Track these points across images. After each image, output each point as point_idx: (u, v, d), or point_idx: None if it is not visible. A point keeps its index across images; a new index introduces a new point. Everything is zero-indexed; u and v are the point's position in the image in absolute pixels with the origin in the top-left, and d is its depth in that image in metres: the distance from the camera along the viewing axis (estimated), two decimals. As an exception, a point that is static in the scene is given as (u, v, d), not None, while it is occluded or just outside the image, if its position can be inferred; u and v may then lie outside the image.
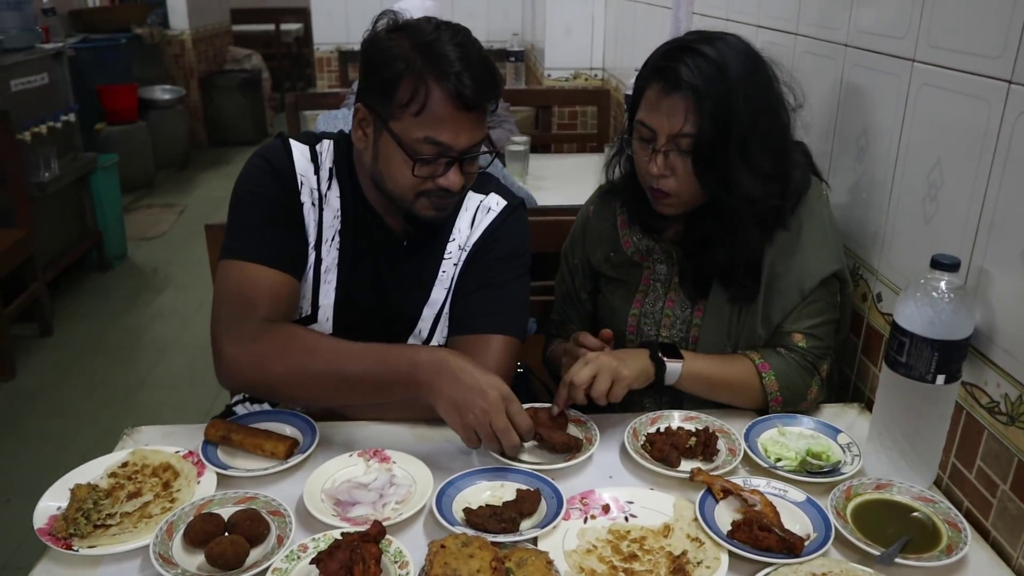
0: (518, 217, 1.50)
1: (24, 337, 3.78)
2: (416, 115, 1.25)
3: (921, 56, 1.32)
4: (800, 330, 1.40)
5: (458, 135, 1.26)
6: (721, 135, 1.30)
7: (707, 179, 1.33)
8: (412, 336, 1.46)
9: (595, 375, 1.28)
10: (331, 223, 1.42)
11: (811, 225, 1.41)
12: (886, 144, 1.43)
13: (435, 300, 1.46)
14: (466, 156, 1.30)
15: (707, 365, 1.38)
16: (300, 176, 1.40)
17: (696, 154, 1.32)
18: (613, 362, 1.29)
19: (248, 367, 1.28)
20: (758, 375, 1.37)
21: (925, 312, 1.12)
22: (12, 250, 3.47)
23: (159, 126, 6.28)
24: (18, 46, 3.92)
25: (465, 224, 1.47)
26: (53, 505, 1.14)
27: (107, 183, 4.58)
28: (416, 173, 1.28)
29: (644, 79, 1.38)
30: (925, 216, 1.32)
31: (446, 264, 1.46)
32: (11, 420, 3.18)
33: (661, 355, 1.35)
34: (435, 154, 1.27)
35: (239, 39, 8.41)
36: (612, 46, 4.19)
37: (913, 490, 1.17)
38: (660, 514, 1.16)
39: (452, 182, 1.29)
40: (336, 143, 1.45)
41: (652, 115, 1.35)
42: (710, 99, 1.29)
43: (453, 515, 1.13)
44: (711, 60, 1.30)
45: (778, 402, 1.38)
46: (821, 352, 1.41)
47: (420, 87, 1.24)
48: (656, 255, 1.51)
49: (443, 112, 1.24)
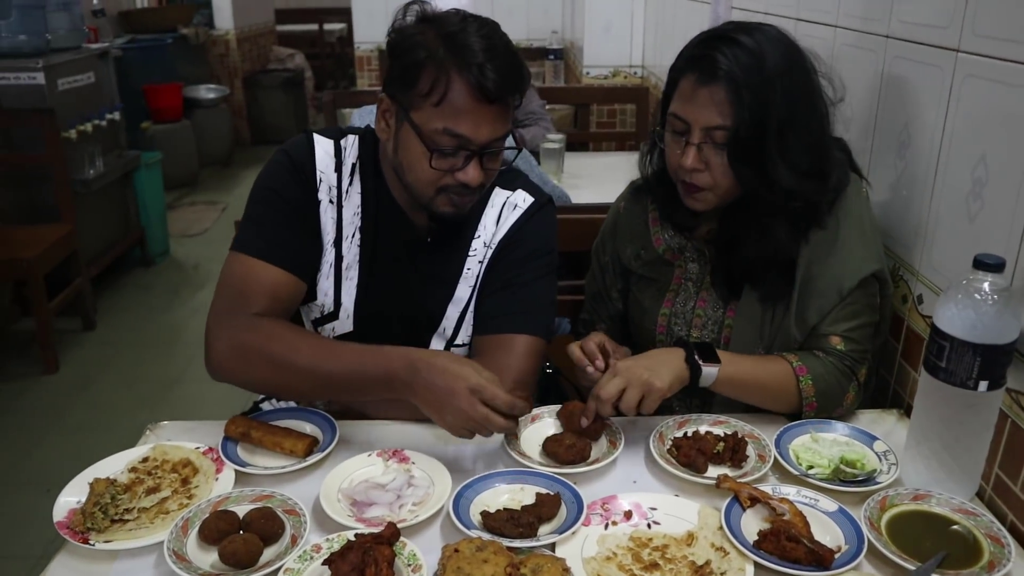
0: (545, 214, 1.47)
1: (68, 331, 3.86)
2: (436, 105, 1.23)
3: (966, 46, 1.26)
4: (838, 332, 1.34)
5: (478, 128, 1.24)
6: (758, 128, 1.26)
7: (743, 173, 1.29)
8: (436, 335, 1.44)
9: (624, 388, 1.23)
10: (351, 220, 1.40)
11: (849, 223, 1.36)
12: (928, 139, 1.37)
13: (459, 298, 1.44)
14: (486, 151, 1.27)
15: (744, 367, 1.32)
16: (320, 173, 1.39)
17: (732, 147, 1.28)
18: (644, 374, 1.23)
19: (231, 359, 1.28)
20: (795, 378, 1.32)
21: (967, 315, 1.06)
22: (57, 245, 3.54)
23: (203, 125, 6.37)
24: (66, 46, 3.99)
25: (491, 220, 1.44)
26: (73, 499, 1.14)
27: (150, 180, 4.64)
28: (433, 165, 1.26)
29: (678, 70, 1.34)
30: (969, 214, 1.26)
31: (471, 261, 1.43)
32: (54, 412, 3.24)
33: (698, 358, 1.29)
34: (454, 147, 1.25)
35: (283, 39, 8.51)
36: (651, 43, 4.14)
37: (953, 502, 1.11)
38: (684, 521, 1.12)
39: (470, 177, 1.27)
40: (362, 138, 1.43)
41: (686, 106, 1.31)
42: (748, 90, 1.25)
43: (470, 518, 1.10)
44: (748, 50, 1.26)
45: (812, 407, 1.33)
46: (859, 356, 1.36)
47: (441, 76, 1.22)
48: (688, 254, 1.47)
49: (463, 103, 1.22)
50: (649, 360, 1.29)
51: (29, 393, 3.37)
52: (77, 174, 3.92)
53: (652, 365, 1.26)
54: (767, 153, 1.27)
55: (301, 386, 1.28)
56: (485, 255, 1.44)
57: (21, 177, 3.87)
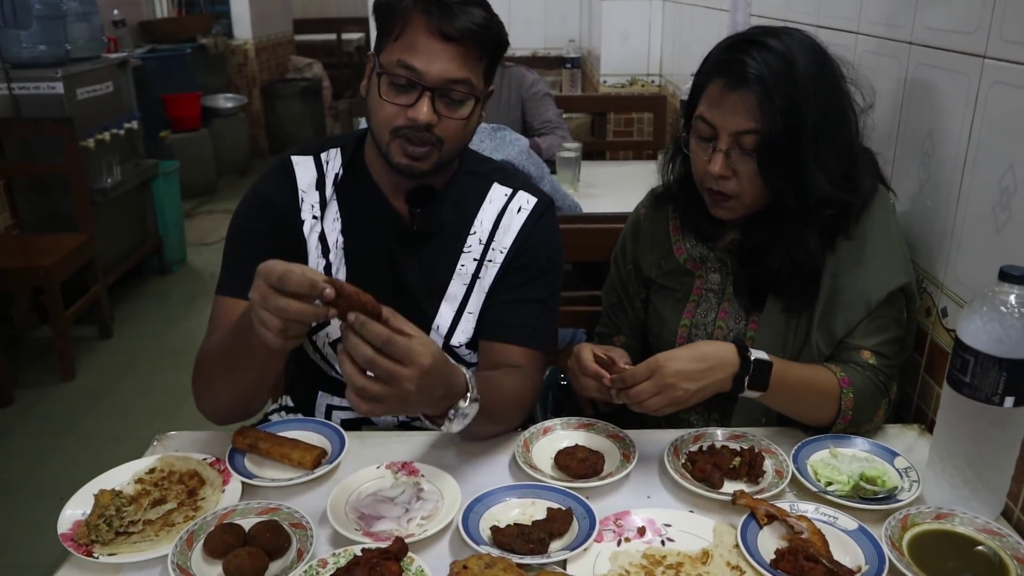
0: (550, 218, 1.45)
1: (84, 339, 3.87)
2: (395, 40, 1.25)
3: (993, 52, 1.23)
4: (869, 347, 1.31)
5: (430, 62, 1.23)
6: (789, 134, 1.23)
7: (774, 181, 1.26)
8: (432, 332, 1.40)
9: (656, 393, 1.18)
10: (332, 227, 1.40)
11: (876, 235, 1.33)
12: (953, 148, 1.34)
13: (453, 295, 1.41)
14: (440, 90, 1.25)
15: (792, 382, 1.26)
16: (301, 194, 1.39)
17: (762, 154, 1.25)
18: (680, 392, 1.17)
19: (193, 382, 1.32)
20: (839, 389, 1.27)
21: (992, 328, 1.03)
22: (74, 253, 3.55)
23: (221, 133, 6.41)
24: (85, 56, 4.03)
25: (488, 218, 1.42)
26: (78, 511, 1.13)
27: (168, 189, 4.67)
28: (383, 96, 1.26)
29: (705, 74, 1.32)
30: (996, 225, 1.23)
31: (465, 258, 1.41)
32: (70, 420, 3.24)
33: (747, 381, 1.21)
34: (406, 79, 1.25)
35: (301, 48, 8.55)
36: (669, 52, 4.11)
37: (978, 521, 1.08)
38: (699, 539, 1.09)
39: (418, 112, 1.25)
40: (343, 147, 1.43)
41: (714, 111, 1.28)
42: (778, 94, 1.22)
43: (480, 533, 1.08)
44: (778, 54, 1.24)
45: (847, 420, 1.28)
46: (891, 371, 1.32)
47: (403, 15, 1.24)
48: (710, 263, 1.44)
49: (417, 37, 1.24)
50: (697, 366, 1.19)
51: (46, 400, 3.38)
52: (95, 183, 3.94)
53: (697, 375, 1.19)
54: (799, 159, 1.24)
55: (214, 373, 1.27)
56: (482, 254, 1.41)
57: (40, 185, 3.90)
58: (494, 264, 1.40)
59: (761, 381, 1.22)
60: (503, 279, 1.40)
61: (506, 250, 1.40)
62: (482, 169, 1.45)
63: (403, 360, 1.01)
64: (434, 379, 1.05)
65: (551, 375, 1.77)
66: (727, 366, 1.21)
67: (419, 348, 1.02)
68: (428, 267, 1.40)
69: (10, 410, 3.28)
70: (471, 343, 1.42)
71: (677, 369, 1.18)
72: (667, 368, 1.18)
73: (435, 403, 1.11)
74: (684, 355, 1.20)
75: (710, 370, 1.20)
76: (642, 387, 1.18)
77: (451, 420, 1.13)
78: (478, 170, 1.44)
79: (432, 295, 1.40)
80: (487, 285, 1.40)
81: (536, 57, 5.18)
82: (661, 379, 1.18)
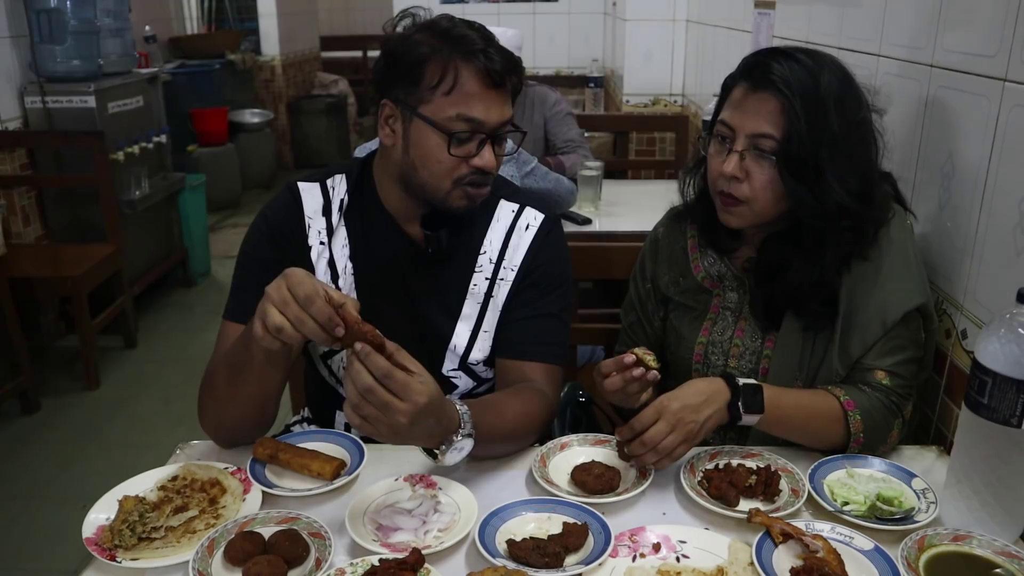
0: (558, 233, 1.48)
1: (110, 349, 3.92)
2: (447, 94, 1.26)
3: (1014, 75, 1.24)
4: (883, 367, 1.31)
5: (489, 110, 1.27)
6: (806, 142, 1.25)
7: (794, 187, 1.28)
8: (449, 352, 1.43)
9: (670, 432, 1.20)
10: (340, 252, 1.42)
11: (894, 255, 1.33)
12: (974, 170, 1.34)
13: (468, 315, 1.43)
14: (497, 133, 1.29)
15: (788, 408, 1.27)
16: (308, 220, 1.41)
17: (780, 158, 1.27)
18: (692, 426, 1.20)
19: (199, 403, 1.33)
20: (843, 413, 1.28)
21: (1010, 350, 1.03)
22: (102, 264, 3.61)
23: (247, 148, 6.49)
24: (117, 70, 4.11)
25: (497, 237, 1.44)
26: (102, 516, 1.15)
27: (194, 202, 4.73)
28: (452, 152, 1.27)
29: (732, 78, 1.35)
30: (1016, 247, 1.23)
31: (477, 278, 1.43)
32: (94, 429, 3.28)
33: (741, 405, 1.24)
34: (469, 131, 1.27)
35: (328, 65, 8.64)
36: (692, 72, 4.13)
37: (996, 543, 1.07)
38: (714, 556, 1.09)
39: (487, 161, 1.29)
40: (348, 173, 1.45)
41: (734, 112, 1.31)
42: (799, 100, 1.25)
43: (496, 546, 1.09)
44: (805, 66, 1.27)
45: (859, 443, 1.29)
46: (905, 392, 1.32)
47: (449, 66, 1.26)
48: (728, 282, 1.45)
49: (473, 88, 1.26)
50: (697, 400, 1.23)
51: (70, 409, 3.43)
52: (124, 195, 4.01)
53: (699, 407, 1.22)
54: (816, 168, 1.26)
55: (219, 386, 1.29)
56: (492, 272, 1.43)
57: (70, 197, 3.98)
58: (506, 282, 1.42)
59: (755, 404, 1.24)
60: (516, 296, 1.42)
61: (517, 267, 1.42)
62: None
63: (400, 394, 1.05)
64: (429, 417, 1.09)
65: (569, 391, 1.78)
66: (720, 395, 1.24)
67: (417, 386, 1.06)
68: (441, 289, 1.42)
69: (36, 417, 3.33)
70: (488, 360, 1.44)
71: (682, 404, 1.21)
72: (672, 406, 1.21)
73: (428, 438, 1.15)
74: (683, 393, 1.24)
75: (707, 402, 1.23)
76: (656, 428, 1.20)
77: (443, 453, 1.15)
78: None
79: (447, 316, 1.42)
80: (500, 303, 1.43)
81: (559, 76, 5.22)
82: (671, 416, 1.20)
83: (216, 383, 1.30)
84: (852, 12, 1.91)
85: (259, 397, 1.28)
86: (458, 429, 1.15)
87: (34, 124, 3.84)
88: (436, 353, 1.43)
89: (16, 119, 3.81)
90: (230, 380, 1.26)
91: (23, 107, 3.83)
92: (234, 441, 1.34)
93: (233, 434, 1.33)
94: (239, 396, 1.27)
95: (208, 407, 1.32)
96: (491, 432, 1.22)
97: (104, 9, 3.97)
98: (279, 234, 1.40)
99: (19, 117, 3.82)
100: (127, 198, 4.03)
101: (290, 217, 1.41)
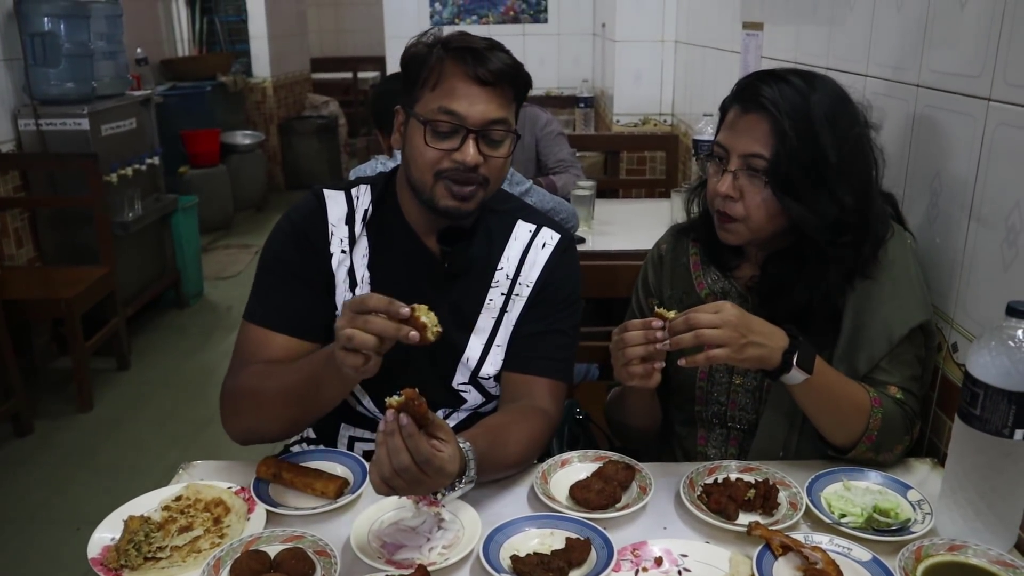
0: (572, 252, 1.50)
1: (103, 370, 3.91)
2: (432, 89, 1.30)
3: (998, 95, 1.27)
4: (894, 382, 1.33)
5: (472, 106, 1.28)
6: (797, 159, 1.28)
7: (787, 203, 1.30)
8: (461, 365, 1.45)
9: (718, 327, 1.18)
10: (360, 261, 1.43)
11: (896, 273, 1.36)
12: (961, 187, 1.38)
13: (482, 329, 1.45)
14: (482, 131, 1.30)
15: (831, 381, 1.27)
16: (331, 227, 1.43)
17: (771, 177, 1.30)
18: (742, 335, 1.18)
19: (228, 415, 1.35)
20: (870, 407, 1.29)
21: (1001, 362, 1.05)
22: (95, 286, 3.61)
23: (239, 169, 6.50)
24: (110, 93, 4.13)
25: (515, 254, 1.46)
26: (107, 536, 1.16)
27: (187, 224, 4.74)
28: (428, 142, 1.29)
29: (727, 102, 1.39)
30: (1004, 262, 1.25)
31: (493, 292, 1.45)
32: (87, 450, 3.27)
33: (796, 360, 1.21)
34: (450, 125, 1.29)
35: (318, 87, 8.69)
36: (681, 91, 4.18)
37: (991, 553, 1.09)
38: (715, 569, 1.11)
39: (465, 155, 1.29)
40: (372, 184, 1.47)
41: (728, 134, 1.35)
42: (788, 120, 1.28)
43: (500, 562, 1.10)
44: (795, 87, 1.30)
45: (871, 440, 1.29)
46: (917, 408, 1.34)
47: (437, 64, 1.30)
48: (731, 299, 1.47)
49: (457, 82, 1.29)
50: (758, 325, 1.22)
51: (63, 431, 3.41)
52: (117, 217, 4.02)
53: (756, 330, 1.21)
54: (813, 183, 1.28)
55: (273, 406, 1.30)
56: (508, 288, 1.45)
57: (63, 218, 3.99)
58: (520, 298, 1.44)
59: (807, 363, 1.23)
60: (529, 312, 1.45)
61: (532, 284, 1.45)
62: (506, 207, 1.49)
63: (432, 476, 1.07)
64: (447, 481, 1.11)
65: (567, 409, 1.79)
66: (779, 339, 1.23)
67: (448, 466, 1.08)
68: (457, 302, 1.44)
69: (29, 440, 3.32)
70: (499, 376, 1.46)
71: (742, 314, 1.21)
72: (733, 310, 1.20)
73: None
74: (749, 314, 1.23)
75: (765, 333, 1.22)
76: (708, 315, 1.19)
77: (445, 495, 1.16)
78: (502, 208, 1.48)
79: (461, 329, 1.44)
80: (514, 318, 1.45)
81: (549, 96, 5.26)
82: (727, 314, 1.19)
83: (263, 402, 1.31)
84: (839, 33, 1.95)
85: (312, 418, 1.33)
86: (462, 475, 1.15)
87: (28, 146, 3.85)
88: (448, 366, 1.45)
89: (10, 141, 3.82)
90: (286, 404, 1.29)
91: (16, 129, 3.85)
92: (254, 442, 1.36)
93: (263, 440, 1.36)
94: (292, 417, 1.32)
95: (244, 416, 1.34)
96: (494, 465, 1.24)
97: (98, 32, 4.00)
98: (303, 237, 1.42)
99: (13, 139, 3.84)
100: (120, 220, 4.03)
101: (315, 222, 1.42)
